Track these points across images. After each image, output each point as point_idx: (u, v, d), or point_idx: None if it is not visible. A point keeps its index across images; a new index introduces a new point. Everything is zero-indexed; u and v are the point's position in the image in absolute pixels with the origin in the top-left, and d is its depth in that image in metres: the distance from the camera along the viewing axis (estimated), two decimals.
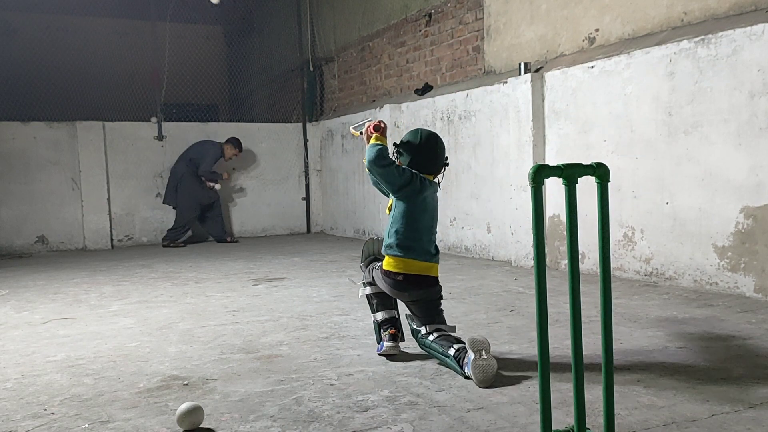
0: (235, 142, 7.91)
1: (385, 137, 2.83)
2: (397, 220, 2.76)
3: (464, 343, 2.57)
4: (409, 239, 2.75)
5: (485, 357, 2.40)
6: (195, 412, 2.07)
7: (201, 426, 2.09)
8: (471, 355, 2.41)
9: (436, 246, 2.85)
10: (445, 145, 2.95)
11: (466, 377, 2.46)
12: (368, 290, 2.93)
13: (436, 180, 2.86)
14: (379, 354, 2.80)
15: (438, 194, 2.89)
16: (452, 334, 2.73)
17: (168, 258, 6.57)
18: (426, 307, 2.79)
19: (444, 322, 2.81)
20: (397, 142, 2.88)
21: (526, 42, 5.45)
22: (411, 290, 2.76)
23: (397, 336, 2.81)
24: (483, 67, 5.98)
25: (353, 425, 2.05)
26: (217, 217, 7.98)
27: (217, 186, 7.80)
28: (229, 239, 7.98)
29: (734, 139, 3.79)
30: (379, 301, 2.89)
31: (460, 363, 2.49)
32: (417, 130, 2.86)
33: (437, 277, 2.82)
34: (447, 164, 2.87)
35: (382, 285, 2.82)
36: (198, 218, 7.92)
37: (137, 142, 7.85)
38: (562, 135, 4.95)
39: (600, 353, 1.77)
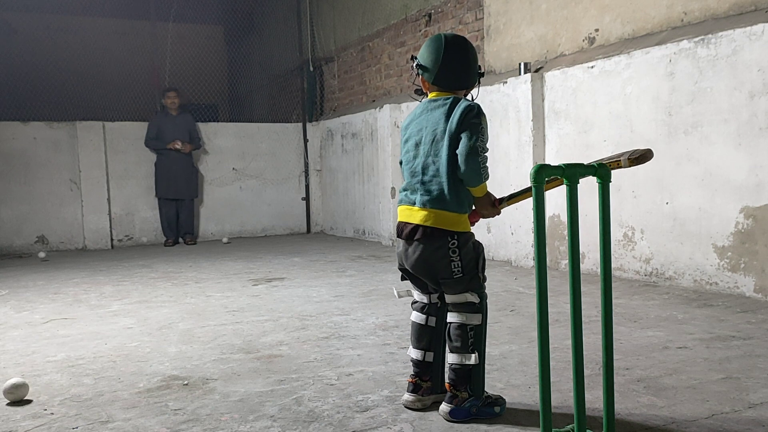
0: (167, 91, 7.71)
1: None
2: None
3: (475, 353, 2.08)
4: (402, 185, 2.24)
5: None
6: (21, 387, 2.38)
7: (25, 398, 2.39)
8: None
9: (438, 188, 2.10)
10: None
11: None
12: (413, 315, 2.28)
13: (466, 94, 2.22)
14: None
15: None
16: (471, 322, 2.08)
17: (168, 258, 6.57)
18: (426, 271, 2.15)
19: (474, 287, 2.11)
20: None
21: (526, 42, 5.45)
22: (401, 244, 2.19)
23: (417, 386, 2.18)
24: (483, 67, 5.97)
25: (353, 425, 2.05)
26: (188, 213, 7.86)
27: (177, 145, 7.52)
28: (188, 240, 7.81)
29: (734, 139, 3.79)
30: (412, 329, 2.27)
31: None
32: (439, 35, 2.17)
33: (433, 228, 2.09)
34: (482, 74, 2.23)
35: None
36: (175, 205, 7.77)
37: (137, 142, 7.84)
38: (562, 135, 4.95)
39: (600, 353, 1.76)
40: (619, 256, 4.50)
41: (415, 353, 2.23)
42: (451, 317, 2.14)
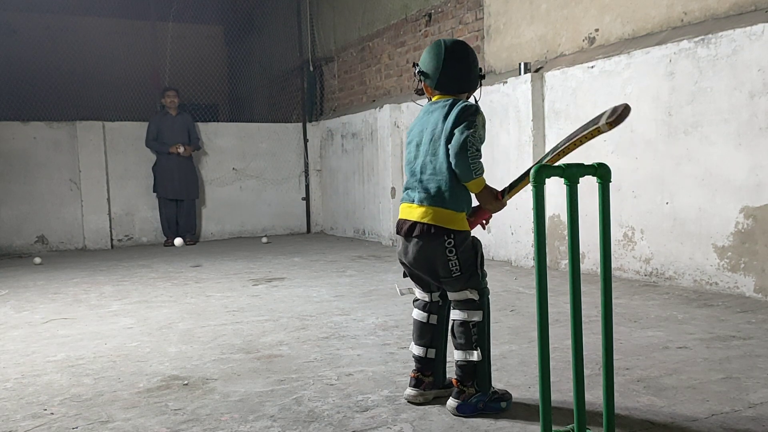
0: (166, 90, 7.75)
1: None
2: None
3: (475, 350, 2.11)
4: (404, 185, 2.28)
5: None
6: None
7: None
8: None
9: (436, 186, 2.12)
10: None
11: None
12: (414, 312, 2.32)
13: (470, 97, 2.27)
14: None
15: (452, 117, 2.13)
16: (472, 319, 2.11)
17: (168, 258, 6.57)
18: (425, 268, 2.17)
19: (473, 285, 2.14)
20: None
21: (526, 42, 5.45)
22: (401, 241, 2.22)
23: (419, 381, 2.22)
24: (483, 67, 5.97)
25: (353, 425, 2.05)
26: (189, 214, 7.86)
27: (180, 149, 7.53)
28: (187, 240, 7.76)
29: (734, 139, 3.79)
30: (414, 326, 2.30)
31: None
32: (439, 41, 2.22)
33: (430, 225, 2.11)
34: (483, 76, 2.27)
35: None
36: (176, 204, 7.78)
37: (137, 142, 7.84)
38: (562, 135, 4.94)
39: (600, 353, 1.77)
40: (619, 256, 4.50)
41: (417, 350, 2.27)
42: (454, 314, 2.18)
